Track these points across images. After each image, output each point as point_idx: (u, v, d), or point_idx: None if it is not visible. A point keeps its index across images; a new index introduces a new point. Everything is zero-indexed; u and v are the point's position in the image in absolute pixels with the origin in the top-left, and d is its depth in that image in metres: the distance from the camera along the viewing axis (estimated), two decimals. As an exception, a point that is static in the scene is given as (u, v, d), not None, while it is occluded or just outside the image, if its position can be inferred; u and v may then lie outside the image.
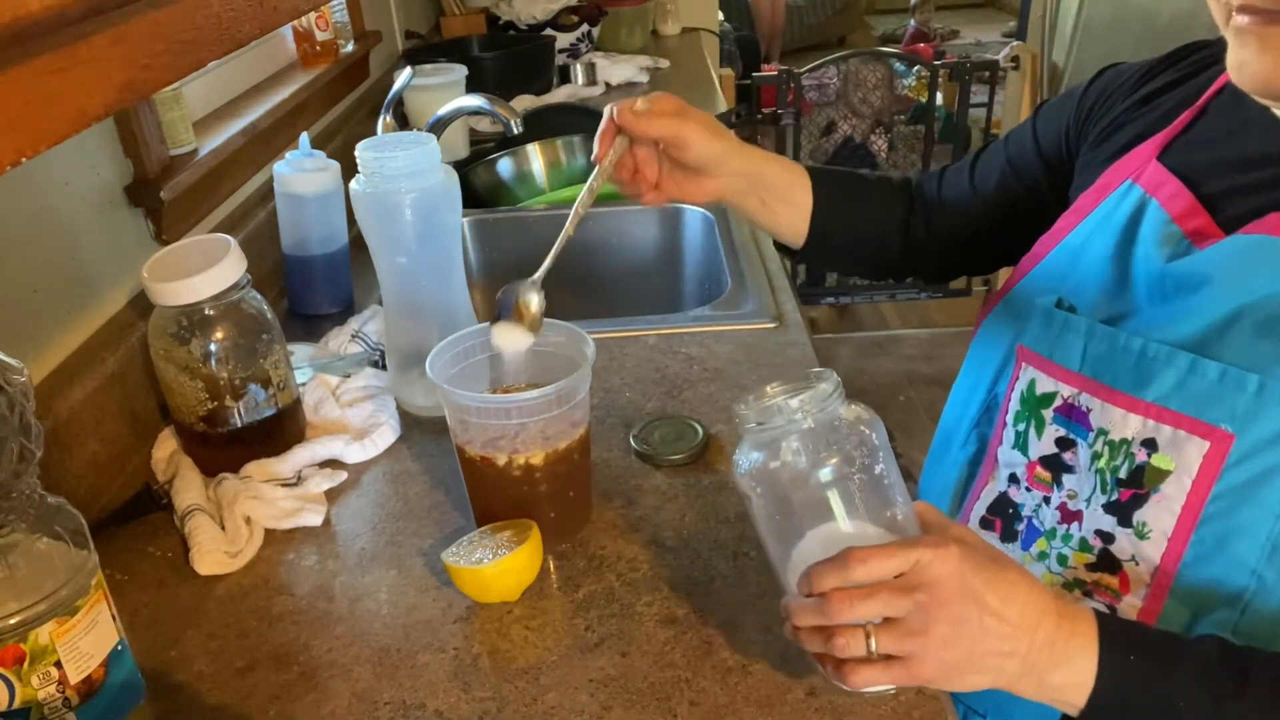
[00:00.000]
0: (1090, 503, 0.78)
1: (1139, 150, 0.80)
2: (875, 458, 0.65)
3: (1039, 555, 0.82)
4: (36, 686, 0.65)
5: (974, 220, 0.98)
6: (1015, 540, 0.85)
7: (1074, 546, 0.79)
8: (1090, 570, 0.78)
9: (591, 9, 2.52)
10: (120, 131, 1.06)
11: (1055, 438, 0.80)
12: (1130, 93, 0.86)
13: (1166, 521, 0.73)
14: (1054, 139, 0.92)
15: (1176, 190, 0.75)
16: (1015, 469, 0.84)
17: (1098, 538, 0.78)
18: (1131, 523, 0.75)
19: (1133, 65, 0.88)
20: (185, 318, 0.91)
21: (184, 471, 0.95)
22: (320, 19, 1.68)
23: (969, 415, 0.91)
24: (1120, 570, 0.77)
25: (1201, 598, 0.72)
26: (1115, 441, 0.75)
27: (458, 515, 0.92)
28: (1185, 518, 0.72)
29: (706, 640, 0.76)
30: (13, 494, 0.65)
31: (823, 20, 6.39)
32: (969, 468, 0.91)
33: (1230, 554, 0.70)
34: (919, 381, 3.04)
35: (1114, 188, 0.80)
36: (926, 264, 1.04)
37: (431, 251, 1.00)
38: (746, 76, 3.38)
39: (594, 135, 0.88)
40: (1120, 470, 0.75)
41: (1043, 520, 0.82)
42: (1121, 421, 0.75)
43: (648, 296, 1.59)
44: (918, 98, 3.15)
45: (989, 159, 0.98)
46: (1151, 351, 0.73)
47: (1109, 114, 0.86)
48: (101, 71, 0.42)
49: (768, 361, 1.12)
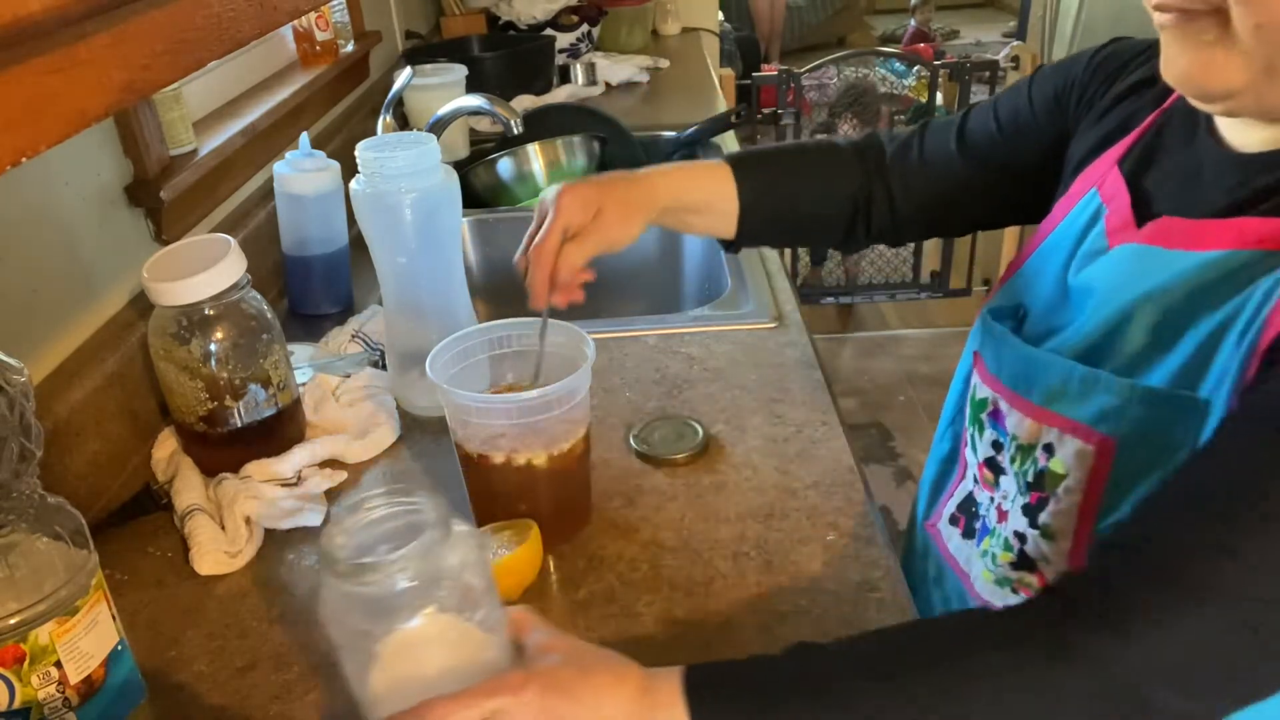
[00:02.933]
0: (1013, 503, 0.80)
1: (1106, 155, 0.79)
2: (476, 604, 0.60)
3: (983, 553, 0.84)
4: (36, 686, 0.65)
5: (956, 183, 0.94)
6: (972, 537, 0.87)
7: (1001, 545, 0.81)
8: (1014, 569, 0.80)
9: (591, 9, 2.52)
10: (120, 131, 1.06)
11: (991, 440, 0.83)
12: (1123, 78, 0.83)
13: (1067, 523, 0.74)
14: (1050, 101, 0.88)
15: (1122, 204, 0.75)
16: (974, 468, 0.87)
17: (1016, 538, 0.80)
18: (1038, 524, 0.77)
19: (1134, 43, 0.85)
20: (185, 318, 0.91)
21: (184, 471, 0.95)
22: (320, 19, 1.68)
23: (947, 415, 0.93)
24: (1037, 570, 0.78)
25: None
26: (1025, 445, 0.78)
27: (458, 515, 0.92)
28: (1082, 522, 0.73)
29: (706, 640, 0.76)
30: (13, 494, 0.65)
31: (823, 20, 6.39)
32: (945, 465, 0.93)
33: None
34: (919, 381, 3.04)
35: (1081, 196, 0.80)
36: (899, 226, 0.98)
37: (431, 251, 1.00)
38: (746, 76, 3.38)
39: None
40: (1028, 474, 0.77)
41: (989, 519, 0.84)
42: (1025, 426, 0.77)
43: (648, 296, 1.59)
44: (918, 98, 3.15)
45: (978, 120, 0.94)
46: (1042, 359, 0.75)
47: (1103, 97, 0.84)
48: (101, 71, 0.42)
49: (768, 361, 1.12)
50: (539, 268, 0.85)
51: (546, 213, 0.86)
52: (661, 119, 2.04)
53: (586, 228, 0.86)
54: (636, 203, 0.89)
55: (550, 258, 0.84)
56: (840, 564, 0.83)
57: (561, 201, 0.85)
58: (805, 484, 0.92)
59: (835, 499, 0.90)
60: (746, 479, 0.94)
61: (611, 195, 0.88)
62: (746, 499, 0.91)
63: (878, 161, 0.97)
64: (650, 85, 2.37)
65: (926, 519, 0.95)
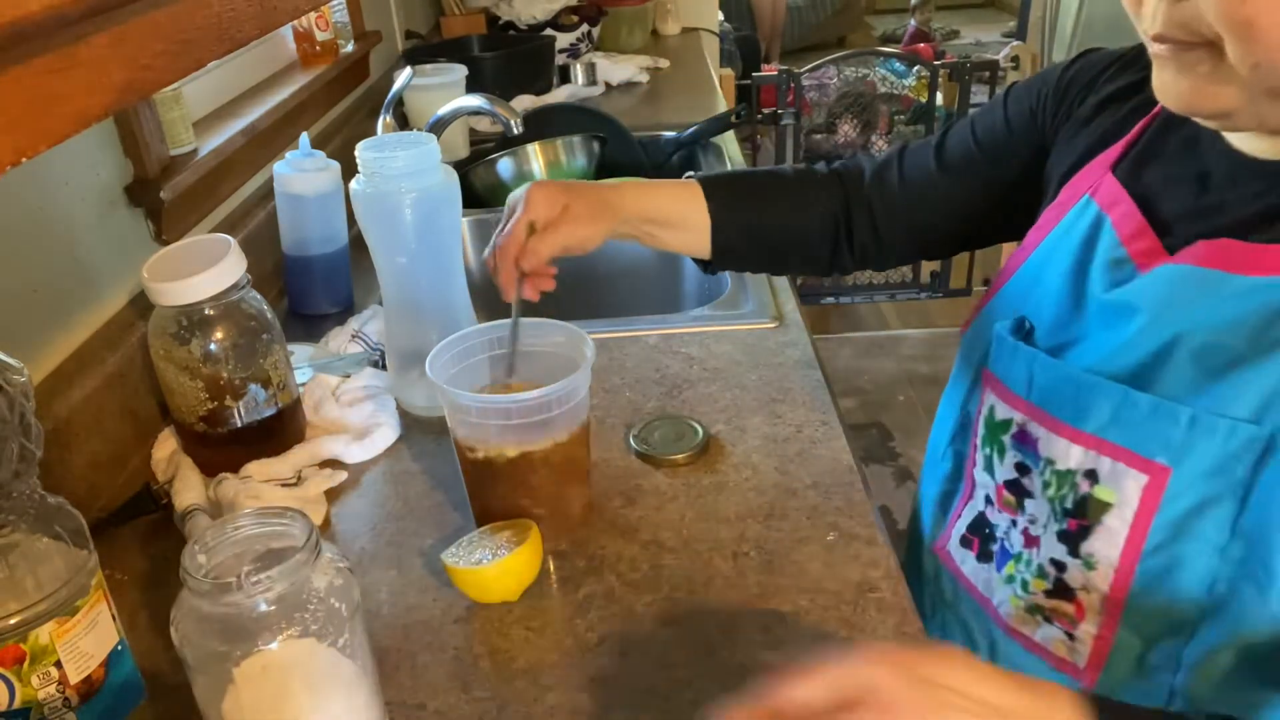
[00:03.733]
0: (1046, 529, 0.77)
1: (1097, 161, 0.78)
2: (340, 629, 0.59)
3: (1008, 578, 0.82)
4: (36, 686, 0.65)
5: (938, 203, 0.94)
6: (990, 560, 0.84)
7: (1033, 573, 0.79)
8: (1048, 597, 0.78)
9: (591, 9, 2.52)
10: (120, 131, 1.06)
11: (1014, 463, 0.80)
12: (1100, 88, 0.83)
13: (1112, 553, 0.72)
14: (1025, 117, 0.88)
15: (1129, 210, 0.73)
16: (988, 490, 0.84)
17: (1052, 565, 0.77)
18: (1079, 553, 0.74)
19: (1108, 54, 0.85)
20: (185, 318, 0.91)
21: (184, 471, 0.95)
22: (320, 19, 1.68)
23: (946, 431, 0.91)
24: (1075, 598, 0.76)
25: (1151, 627, 0.72)
26: (1061, 471, 0.75)
27: (458, 515, 0.92)
28: (1129, 550, 0.71)
29: (706, 640, 0.76)
30: (13, 494, 0.65)
31: (823, 20, 6.39)
32: (949, 484, 0.91)
33: (1174, 586, 0.69)
34: (919, 381, 3.04)
35: (1073, 203, 0.78)
36: (883, 250, 0.98)
37: (431, 251, 1.00)
38: (746, 76, 3.38)
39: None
40: (1066, 500, 0.74)
41: (1012, 543, 0.82)
42: (1065, 452, 0.74)
43: (648, 296, 1.59)
44: (918, 98, 3.15)
45: (956, 139, 0.94)
46: (1090, 382, 0.71)
47: (1080, 106, 0.83)
48: (101, 71, 0.42)
49: (768, 361, 1.12)
50: (504, 259, 0.86)
51: (514, 210, 0.87)
52: (661, 119, 2.04)
53: (553, 222, 0.86)
54: (604, 205, 0.90)
55: (515, 249, 0.85)
56: (840, 564, 0.83)
57: (529, 196, 0.86)
58: (805, 484, 0.92)
59: (835, 499, 0.90)
60: (746, 479, 0.94)
61: (579, 196, 0.88)
62: (746, 499, 0.91)
63: (857, 183, 0.97)
64: (650, 85, 2.37)
65: (934, 541, 0.92)
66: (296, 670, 0.58)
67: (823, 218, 0.97)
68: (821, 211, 0.97)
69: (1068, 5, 3.18)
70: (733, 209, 0.95)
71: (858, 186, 0.96)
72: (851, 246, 0.97)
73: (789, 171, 1.00)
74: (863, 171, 0.97)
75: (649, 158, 1.80)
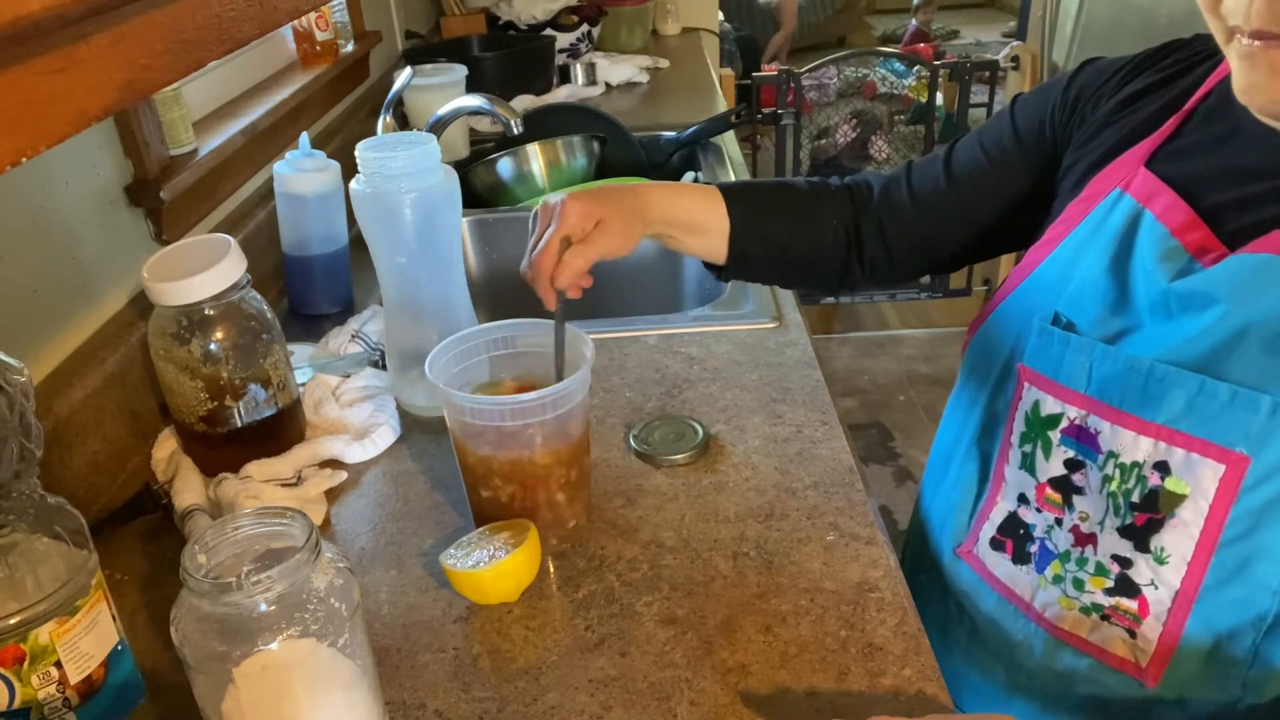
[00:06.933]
0: (1104, 526, 0.77)
1: (1126, 157, 0.78)
2: (340, 629, 0.59)
3: (1054, 579, 0.81)
4: (36, 686, 0.65)
5: (948, 216, 0.95)
6: (1029, 562, 0.84)
7: (1090, 570, 0.78)
8: (1108, 595, 0.77)
9: (591, 9, 2.52)
10: (120, 131, 1.06)
11: (1064, 459, 0.79)
12: (1113, 93, 0.83)
13: (1185, 546, 0.72)
14: (1035, 128, 0.89)
15: (1172, 202, 0.73)
16: (1024, 489, 0.83)
17: (1114, 562, 0.76)
18: (1149, 547, 0.74)
19: (1112, 61, 0.85)
20: (185, 318, 0.91)
21: (184, 471, 0.95)
22: (320, 19, 1.68)
23: (969, 432, 0.90)
24: (1139, 594, 0.75)
25: (1223, 621, 0.71)
26: (1126, 464, 0.74)
27: (457, 515, 0.92)
28: (1204, 542, 0.71)
29: (706, 640, 0.76)
30: (13, 494, 0.65)
31: (823, 20, 6.39)
32: (975, 486, 0.90)
33: (1251, 577, 0.69)
34: (919, 381, 3.04)
35: (1102, 197, 0.78)
36: (893, 264, 0.99)
37: (431, 251, 1.00)
38: (746, 76, 3.38)
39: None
40: (1133, 494, 0.74)
41: (1056, 543, 0.81)
42: (1132, 444, 0.73)
43: (648, 296, 1.59)
44: (918, 98, 3.15)
45: (965, 153, 0.94)
46: (1160, 372, 0.70)
47: (1094, 112, 0.84)
48: (101, 71, 0.42)
49: (768, 361, 1.12)
50: (541, 275, 0.85)
51: (549, 219, 0.87)
52: (661, 119, 2.05)
53: (588, 235, 0.86)
54: (634, 213, 0.90)
55: (551, 265, 0.85)
56: (840, 564, 0.83)
57: (564, 211, 0.86)
58: (805, 484, 0.92)
59: (835, 499, 0.90)
60: (746, 479, 0.94)
61: (611, 206, 0.88)
62: (746, 499, 0.91)
63: (866, 197, 0.98)
64: (650, 85, 2.37)
65: (956, 545, 0.91)
66: (296, 670, 0.58)
67: (835, 230, 0.98)
68: (834, 225, 0.98)
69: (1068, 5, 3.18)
70: (751, 217, 0.96)
71: (867, 202, 0.98)
72: (862, 260, 0.98)
73: (802, 184, 1.01)
74: (871, 187, 0.98)
75: (649, 158, 1.80)
